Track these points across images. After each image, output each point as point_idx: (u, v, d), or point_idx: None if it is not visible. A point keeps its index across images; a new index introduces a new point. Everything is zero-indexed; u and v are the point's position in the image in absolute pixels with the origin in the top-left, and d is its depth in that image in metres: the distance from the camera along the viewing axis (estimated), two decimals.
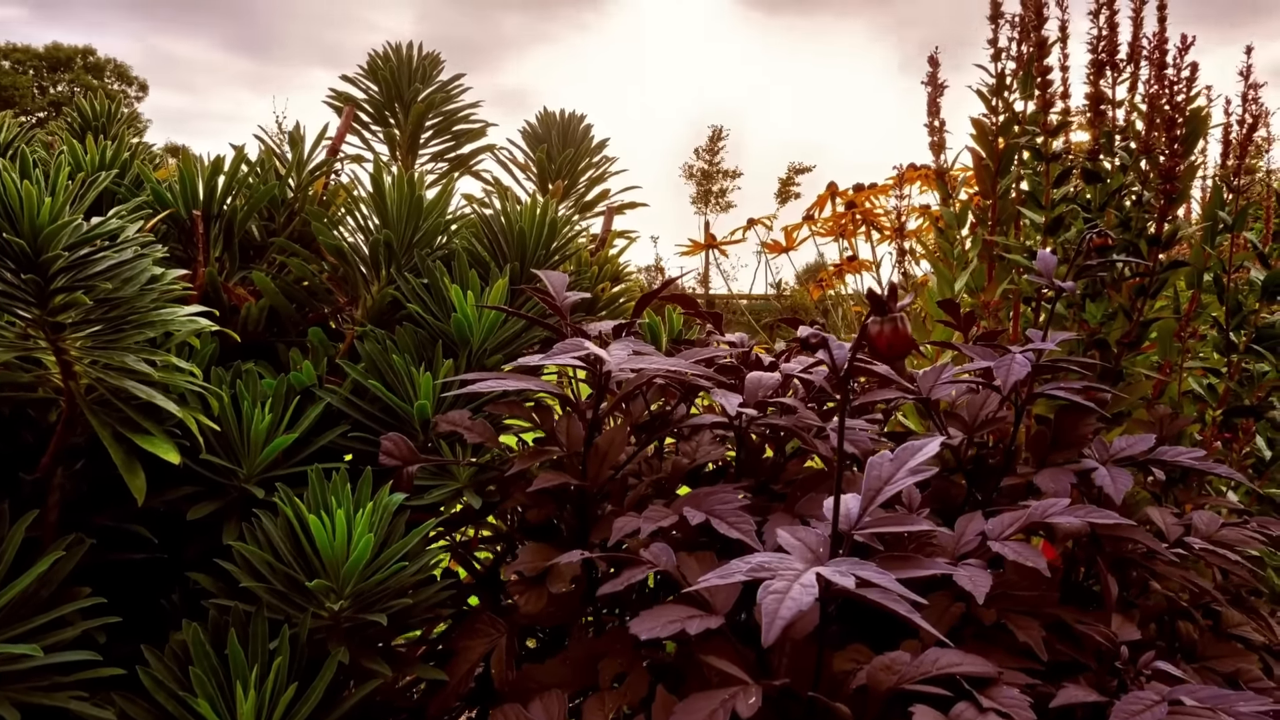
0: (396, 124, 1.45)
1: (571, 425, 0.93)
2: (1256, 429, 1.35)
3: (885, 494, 0.71)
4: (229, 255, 1.12)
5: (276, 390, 0.97)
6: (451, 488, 0.95)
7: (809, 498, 0.85)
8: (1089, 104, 1.29)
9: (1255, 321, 1.31)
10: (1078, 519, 0.81)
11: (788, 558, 0.61)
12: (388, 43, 1.46)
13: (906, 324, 0.57)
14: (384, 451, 0.90)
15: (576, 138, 1.48)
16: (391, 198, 1.10)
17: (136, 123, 11.14)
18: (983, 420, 1.02)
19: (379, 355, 1.01)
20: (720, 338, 1.03)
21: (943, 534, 0.87)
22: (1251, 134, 1.31)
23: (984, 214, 1.44)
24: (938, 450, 0.72)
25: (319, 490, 0.84)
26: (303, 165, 1.20)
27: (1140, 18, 1.39)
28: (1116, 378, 1.26)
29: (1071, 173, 1.29)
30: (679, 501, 0.83)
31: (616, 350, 0.78)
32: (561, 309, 0.98)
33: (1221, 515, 1.21)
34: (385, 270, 1.11)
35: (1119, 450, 0.96)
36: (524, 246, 1.13)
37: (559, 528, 1.02)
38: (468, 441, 0.94)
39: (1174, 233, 1.20)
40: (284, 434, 0.95)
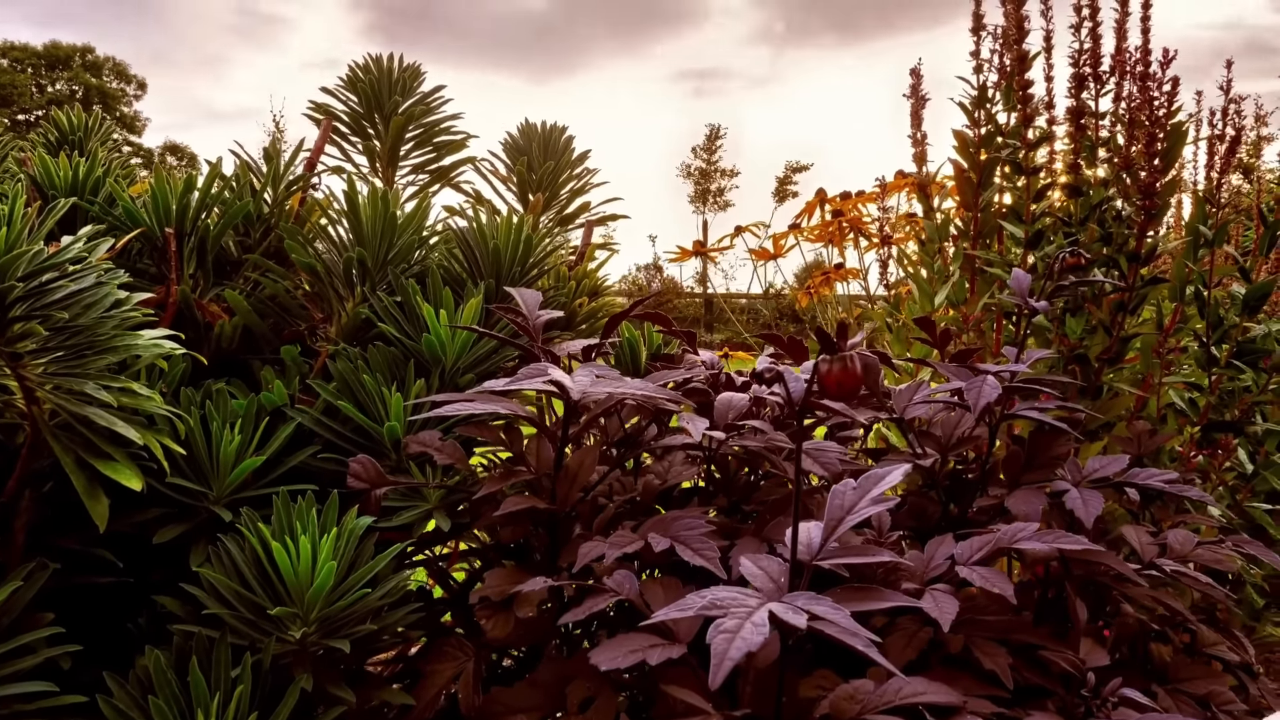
0: (377, 136, 1.44)
1: (541, 447, 0.92)
2: (1238, 443, 1.35)
3: (848, 523, 0.71)
4: (203, 272, 1.11)
5: (246, 411, 0.96)
6: (422, 509, 0.94)
7: (777, 522, 0.85)
8: (1070, 118, 1.29)
9: (1236, 336, 1.30)
10: (1045, 545, 0.80)
11: (742, 594, 0.61)
12: (368, 54, 1.45)
13: (856, 363, 0.57)
14: (352, 474, 0.90)
15: (558, 149, 1.47)
16: (366, 215, 1.10)
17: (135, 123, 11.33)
18: (957, 439, 1.02)
19: (351, 375, 1.00)
20: (694, 357, 1.03)
21: (913, 557, 0.87)
22: (1234, 149, 1.30)
23: (966, 226, 1.44)
24: (901, 479, 0.72)
25: (284, 515, 0.83)
26: (279, 180, 1.19)
27: (1124, 29, 1.39)
28: (1097, 393, 1.26)
29: (1052, 187, 1.29)
30: (645, 526, 0.83)
31: (580, 376, 0.78)
32: (533, 329, 0.97)
33: (1200, 532, 1.21)
34: (360, 288, 1.11)
35: (1092, 471, 0.96)
36: (499, 263, 1.13)
37: (533, 546, 1.02)
38: (437, 463, 0.94)
39: (1153, 248, 1.20)
40: (254, 455, 0.95)
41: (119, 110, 26.37)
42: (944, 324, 1.38)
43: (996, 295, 1.31)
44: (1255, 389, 1.27)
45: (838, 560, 0.68)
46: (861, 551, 0.69)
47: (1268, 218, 1.29)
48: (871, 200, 1.89)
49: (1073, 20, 1.30)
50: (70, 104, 5.84)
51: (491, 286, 1.13)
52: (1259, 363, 1.27)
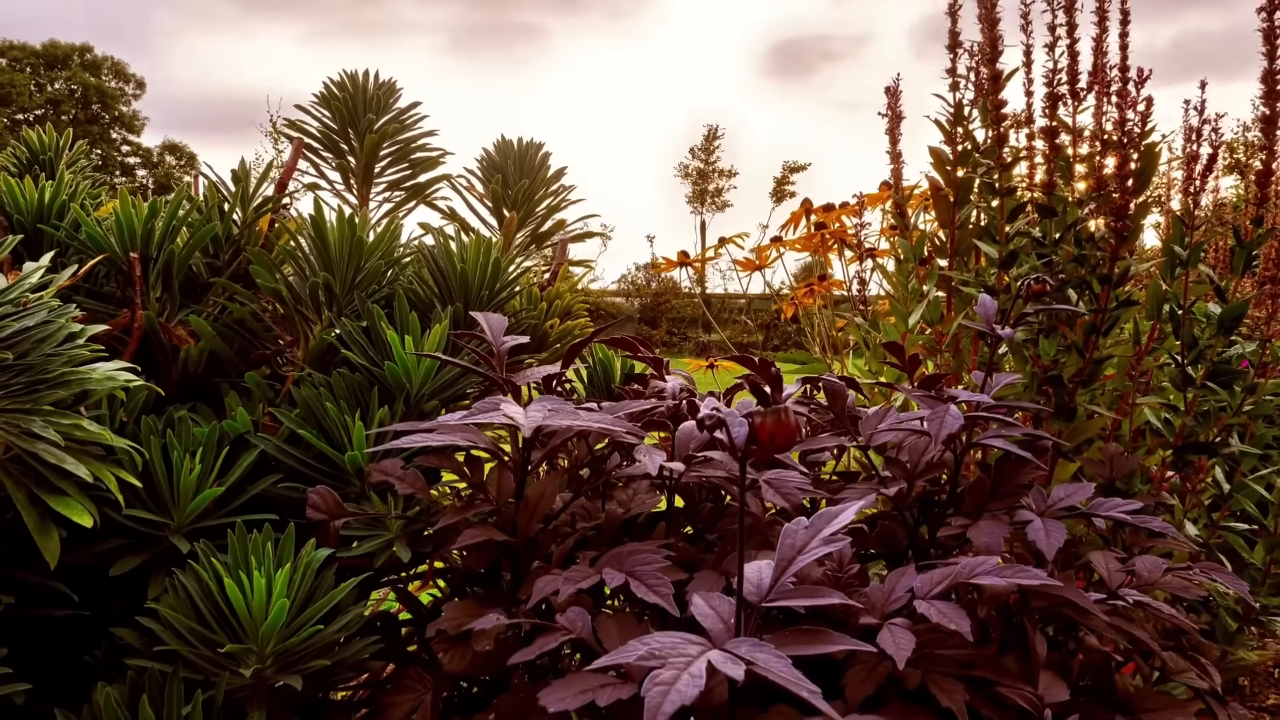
0: (351, 152, 1.44)
1: (502, 478, 0.92)
2: (1214, 463, 1.34)
3: (799, 563, 0.70)
4: (169, 296, 1.11)
5: (208, 439, 0.96)
6: (384, 538, 0.94)
7: (733, 556, 0.85)
8: (1044, 137, 1.28)
9: (1212, 356, 1.30)
10: (1003, 580, 0.80)
11: (684, 641, 0.60)
12: (343, 70, 1.45)
13: (790, 416, 0.56)
14: (310, 505, 0.90)
15: (533, 166, 1.47)
16: (333, 238, 1.09)
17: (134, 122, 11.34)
18: (925, 465, 1.01)
19: (315, 401, 1.00)
20: (659, 384, 1.02)
21: (874, 589, 0.86)
22: (1210, 169, 1.30)
23: (943, 244, 1.43)
24: (855, 517, 0.71)
25: (239, 549, 0.83)
26: (248, 201, 1.19)
27: (1104, 45, 1.38)
28: (1071, 414, 1.25)
29: (1026, 207, 1.28)
30: (603, 560, 0.83)
31: (533, 411, 0.77)
32: (498, 355, 0.97)
33: (1172, 556, 1.20)
34: (326, 312, 1.10)
35: (1057, 501, 0.96)
36: (467, 287, 1.12)
37: (500, 574, 1.02)
38: (399, 492, 0.93)
39: (1126, 270, 1.19)
40: (216, 483, 0.95)
41: (118, 109, 26.37)
42: (920, 343, 1.38)
43: (971, 315, 1.30)
44: (1230, 410, 1.27)
45: (787, 602, 0.68)
46: (811, 593, 0.69)
47: (1243, 238, 1.29)
48: (852, 213, 1.88)
49: (1047, 40, 1.29)
50: (69, 103, 5.92)
51: (460, 310, 1.13)
52: (1234, 383, 1.27)
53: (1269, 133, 1.29)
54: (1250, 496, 1.27)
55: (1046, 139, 1.28)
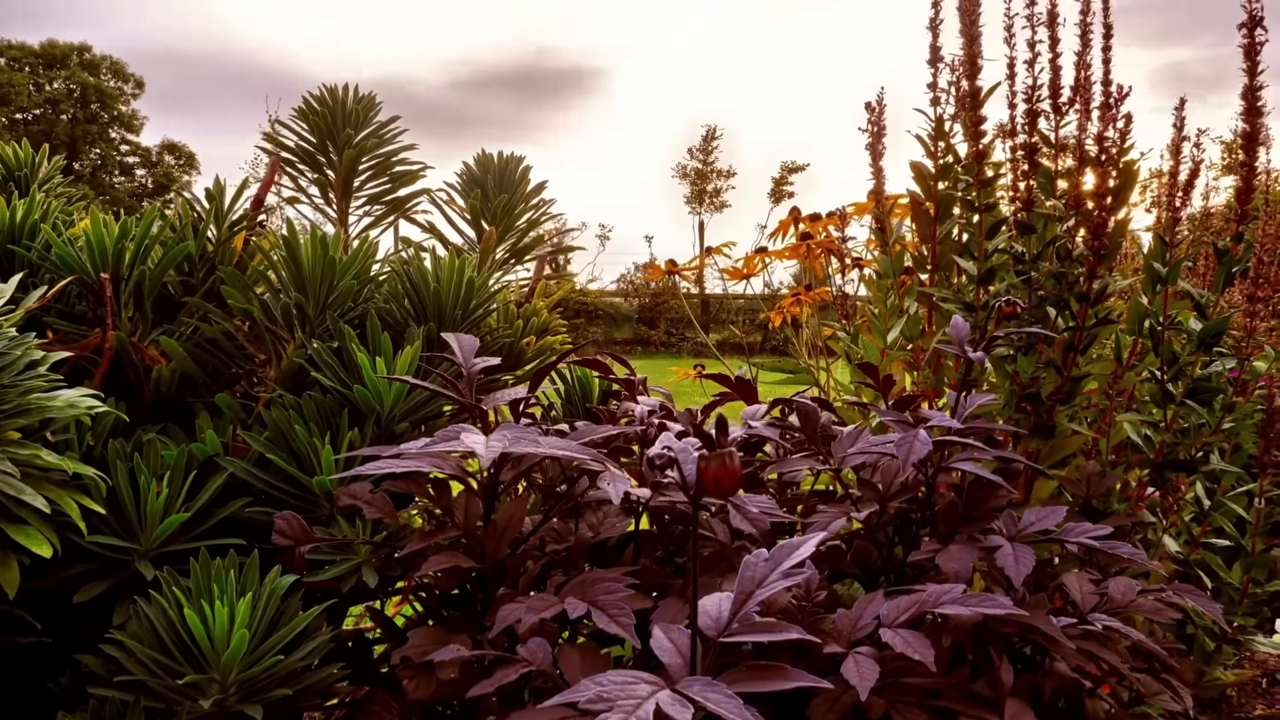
0: (331, 167, 1.44)
1: (470, 503, 0.91)
2: (1195, 479, 1.34)
3: (758, 596, 0.70)
4: (141, 316, 1.10)
5: (176, 462, 0.96)
6: (352, 563, 0.94)
7: (701, 582, 0.84)
8: (1024, 153, 1.28)
9: (1191, 373, 1.29)
10: (968, 609, 0.80)
11: (634, 680, 0.60)
12: (323, 85, 1.44)
13: (734, 461, 0.56)
14: (276, 531, 0.89)
15: (513, 181, 1.46)
16: (305, 258, 1.09)
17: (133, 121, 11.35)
18: (897, 488, 1.01)
19: (285, 424, 1.00)
20: (632, 406, 1.02)
21: (841, 616, 0.86)
22: (1190, 185, 1.29)
23: (923, 258, 1.43)
24: (833, 536, 0.71)
25: (202, 577, 0.82)
26: (223, 219, 1.18)
27: (1085, 59, 1.38)
28: (1049, 431, 1.25)
29: (1004, 224, 1.28)
30: (568, 587, 0.82)
31: (494, 440, 0.77)
32: (468, 377, 0.97)
33: (1148, 578, 1.20)
34: (299, 332, 1.10)
35: (1028, 525, 0.95)
36: (440, 307, 1.12)
37: (472, 595, 1.01)
38: (366, 517, 0.93)
39: (1103, 288, 1.19)
40: (183, 507, 0.94)
41: (116, 109, 26.34)
42: (899, 359, 1.38)
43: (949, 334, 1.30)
44: (1210, 427, 1.26)
45: (744, 638, 0.67)
46: (768, 629, 0.68)
47: (1223, 254, 1.28)
48: (834, 223, 1.88)
49: (1027, 56, 1.29)
50: (67, 103, 5.92)
51: (433, 330, 1.12)
52: (1214, 401, 1.26)
53: (1249, 149, 1.29)
54: (1229, 515, 1.26)
55: (1026, 155, 1.27)
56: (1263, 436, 1.20)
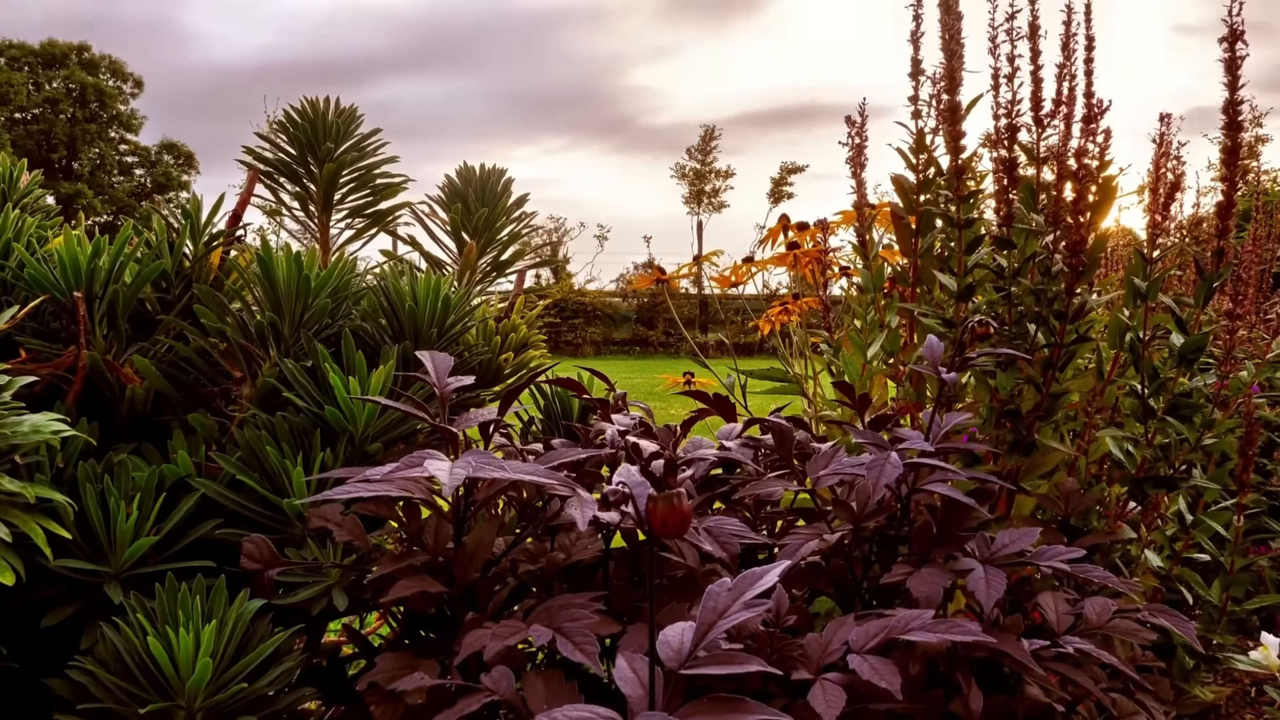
0: (311, 179, 1.43)
1: (440, 526, 0.91)
2: (1178, 494, 1.33)
3: (720, 627, 0.69)
4: (115, 334, 1.10)
5: (147, 483, 0.95)
6: (322, 585, 0.93)
7: (670, 608, 0.84)
8: (1002, 168, 1.28)
9: (1173, 388, 1.29)
10: (935, 636, 0.79)
11: (587, 718, 0.60)
12: (304, 98, 1.44)
13: (682, 502, 0.56)
14: (245, 554, 0.89)
15: (495, 194, 1.46)
16: (280, 277, 1.09)
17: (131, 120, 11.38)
18: (871, 509, 1.01)
19: (257, 444, 0.99)
20: (604, 427, 1.02)
21: (810, 641, 0.86)
22: (1170, 202, 1.29)
23: (904, 272, 1.42)
24: (775, 582, 0.70)
25: (167, 602, 0.82)
26: (199, 235, 1.18)
27: (1067, 71, 1.37)
28: (1029, 448, 1.25)
29: (984, 239, 1.27)
30: (535, 613, 0.82)
31: (458, 467, 0.76)
32: (441, 396, 0.96)
33: (1120, 598, 1.19)
34: (274, 350, 1.10)
35: (1001, 547, 0.95)
36: (416, 325, 1.11)
37: (444, 616, 1.01)
38: (337, 539, 0.93)
39: (1082, 306, 1.18)
40: (154, 529, 0.94)
41: (115, 108, 26.32)
42: (879, 374, 1.37)
43: None
44: (1190, 443, 1.26)
45: (705, 670, 0.67)
46: (729, 660, 0.68)
47: (1204, 269, 1.28)
48: (814, 236, 1.88)
49: (1007, 70, 1.28)
50: (66, 102, 5.92)
51: (409, 348, 1.12)
52: (1194, 416, 1.26)
53: (1229, 164, 1.28)
54: (1208, 532, 1.26)
55: (1005, 170, 1.27)
56: (1241, 455, 1.19)
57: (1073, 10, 1.40)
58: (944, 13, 1.29)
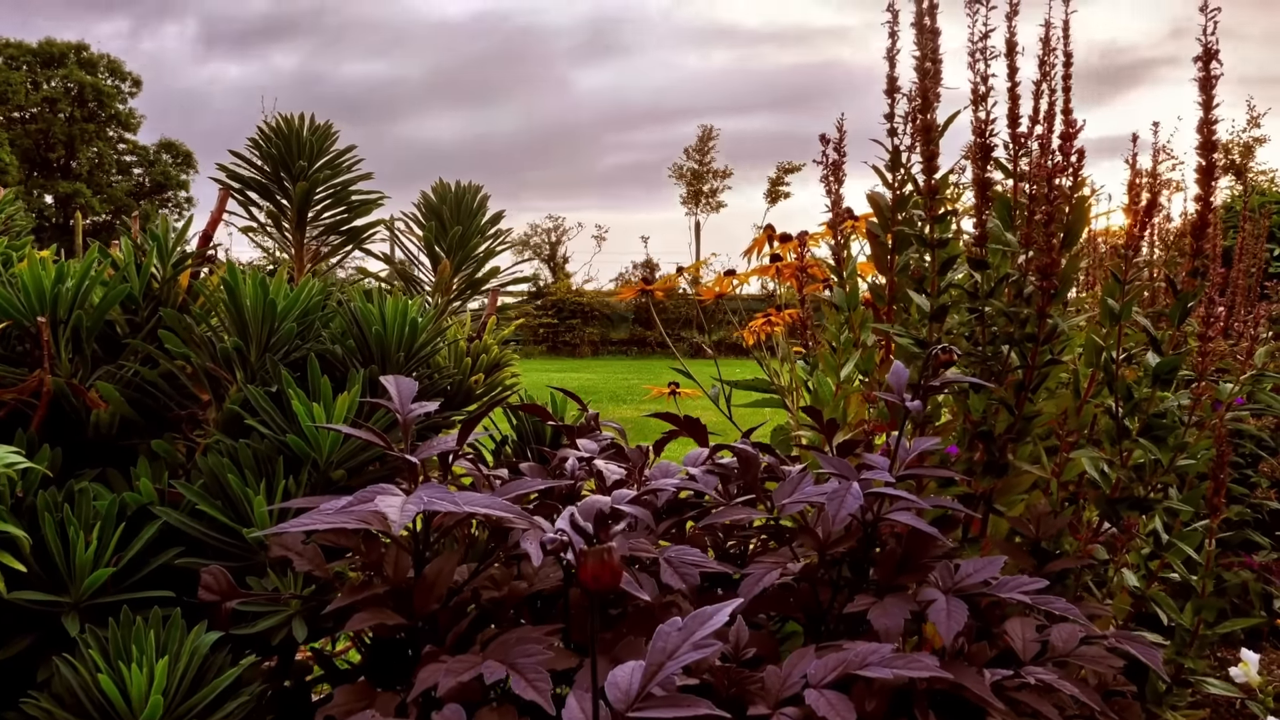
0: (285, 195, 1.43)
1: (399, 557, 0.91)
2: (1155, 513, 1.33)
3: (669, 669, 0.69)
4: (81, 359, 1.10)
5: (108, 512, 0.95)
6: (283, 615, 0.93)
7: (627, 642, 0.84)
8: (976, 187, 1.27)
9: (1147, 408, 1.28)
10: (891, 672, 0.79)
11: None
12: (279, 114, 1.44)
13: (613, 556, 0.55)
14: (203, 586, 0.89)
15: (470, 211, 1.45)
16: (246, 300, 1.08)
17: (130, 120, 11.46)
18: (837, 536, 1.00)
19: (220, 471, 0.99)
20: (568, 454, 1.01)
21: (770, 674, 0.85)
22: (1146, 221, 1.28)
23: (881, 289, 1.42)
24: (724, 622, 0.70)
25: (120, 637, 0.82)
26: (167, 257, 1.18)
27: (1043, 89, 1.37)
28: (1001, 470, 1.24)
29: (957, 259, 1.27)
30: (490, 647, 0.82)
31: (410, 504, 0.76)
32: (404, 423, 0.96)
33: (1095, 621, 1.19)
34: (240, 372, 1.09)
35: (964, 576, 0.94)
36: (384, 349, 1.11)
37: (406, 643, 1.01)
38: (297, 569, 0.92)
39: (1053, 329, 1.18)
40: (114, 558, 0.94)
41: (114, 107, 26.29)
42: (854, 394, 1.37)
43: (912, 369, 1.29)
44: (1164, 465, 1.25)
45: (653, 714, 0.66)
46: (679, 703, 0.68)
47: (1178, 288, 1.27)
48: (793, 248, 1.87)
49: (981, 89, 1.28)
50: (65, 101, 5.92)
51: (376, 373, 1.11)
52: (1167, 438, 1.26)
53: (1204, 183, 1.28)
54: (1179, 554, 1.26)
55: (978, 190, 1.26)
56: (1212, 479, 1.19)
57: (1051, 26, 1.39)
58: (918, 32, 1.29)
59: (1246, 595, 2.17)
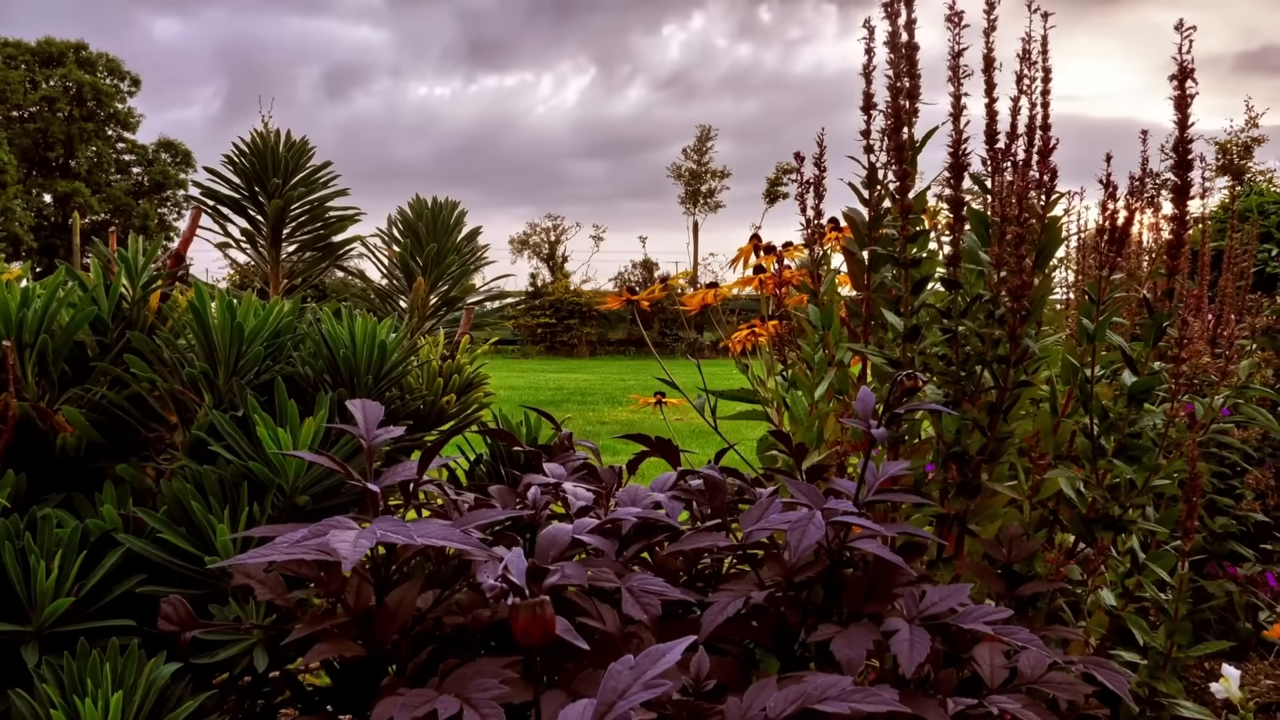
0: (259, 211, 1.42)
1: (360, 587, 0.90)
2: (1132, 530, 1.33)
3: (619, 709, 0.69)
4: (47, 382, 1.09)
5: (70, 539, 0.94)
6: (245, 644, 0.93)
7: (585, 675, 0.83)
8: (949, 206, 1.27)
9: (1123, 428, 1.28)
10: (848, 707, 0.79)
11: None
12: (254, 130, 1.43)
13: (545, 610, 0.55)
14: (162, 616, 0.88)
15: (446, 227, 1.45)
16: (213, 324, 1.08)
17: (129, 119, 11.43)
18: (800, 565, 1.00)
19: (185, 496, 0.98)
20: (533, 480, 1.01)
21: (730, 707, 0.85)
22: (1122, 242, 1.28)
23: (857, 307, 1.41)
24: (676, 662, 0.70)
25: (75, 671, 0.81)
26: (136, 278, 1.17)
27: (1019, 106, 1.36)
28: (974, 491, 1.24)
29: (931, 279, 1.26)
30: (448, 680, 0.81)
31: (363, 539, 0.76)
32: (368, 449, 0.96)
33: (1068, 646, 1.18)
34: (209, 395, 1.09)
35: (930, 605, 0.94)
36: (353, 372, 1.11)
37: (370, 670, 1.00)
38: (259, 598, 0.92)
39: (1024, 351, 1.18)
40: (76, 585, 0.93)
41: (113, 107, 26.27)
42: (829, 413, 1.36)
43: (879, 389, 1.29)
44: (1139, 484, 1.25)
45: None
46: None
47: (1153, 309, 1.27)
48: (789, 255, 1.87)
49: (954, 109, 1.27)
50: (64, 100, 5.94)
51: (345, 395, 1.11)
52: (1142, 458, 1.25)
53: (1179, 203, 1.27)
54: (1152, 576, 1.25)
55: (951, 209, 1.26)
56: (1184, 502, 1.18)
57: (1031, 40, 1.39)
58: (891, 50, 1.28)
59: (1232, 607, 2.16)
